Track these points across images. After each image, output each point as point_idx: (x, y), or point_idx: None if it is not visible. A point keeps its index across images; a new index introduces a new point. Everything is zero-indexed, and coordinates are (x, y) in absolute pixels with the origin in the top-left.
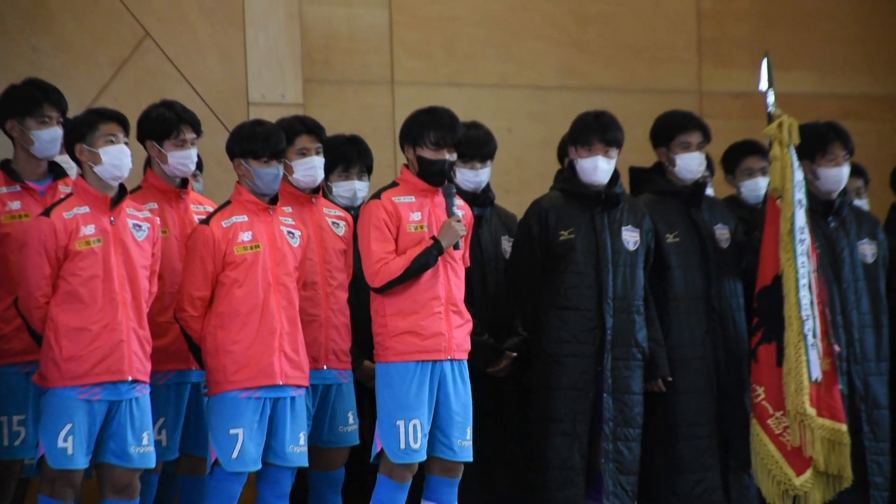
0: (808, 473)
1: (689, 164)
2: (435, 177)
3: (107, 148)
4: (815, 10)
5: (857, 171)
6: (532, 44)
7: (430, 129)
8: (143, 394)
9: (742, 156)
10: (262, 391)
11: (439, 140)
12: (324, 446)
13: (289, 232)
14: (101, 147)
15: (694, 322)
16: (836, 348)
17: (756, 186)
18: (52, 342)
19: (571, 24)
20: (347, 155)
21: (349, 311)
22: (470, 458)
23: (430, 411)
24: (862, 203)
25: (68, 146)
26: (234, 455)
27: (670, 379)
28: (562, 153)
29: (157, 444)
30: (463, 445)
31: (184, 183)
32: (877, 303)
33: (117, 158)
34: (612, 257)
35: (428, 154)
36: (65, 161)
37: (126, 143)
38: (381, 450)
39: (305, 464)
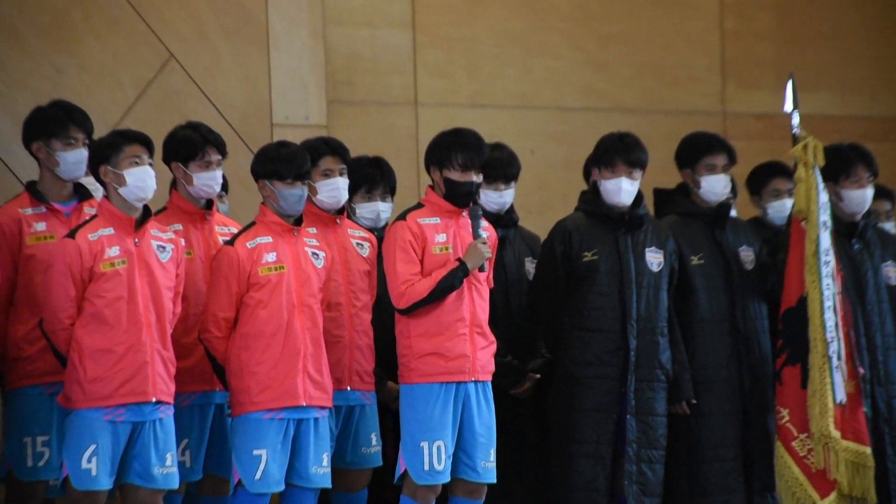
0: (833, 496)
1: (715, 186)
2: (462, 198)
3: (131, 170)
4: (837, 32)
5: (885, 194)
6: (553, 64)
7: (457, 150)
8: (167, 415)
9: (769, 177)
10: (286, 412)
11: (467, 162)
12: (347, 467)
13: (313, 253)
14: (125, 169)
15: (718, 344)
16: (861, 370)
17: (783, 208)
18: (77, 363)
19: (592, 44)
20: (371, 176)
21: (373, 333)
22: (493, 480)
23: (455, 433)
24: (888, 226)
25: (93, 168)
26: (258, 476)
27: (694, 401)
28: (588, 174)
29: (181, 465)
30: (487, 467)
31: (209, 204)
32: None
33: (142, 180)
34: (635, 279)
35: (455, 176)
36: (90, 183)
37: (150, 165)
38: (405, 471)
39: (328, 485)
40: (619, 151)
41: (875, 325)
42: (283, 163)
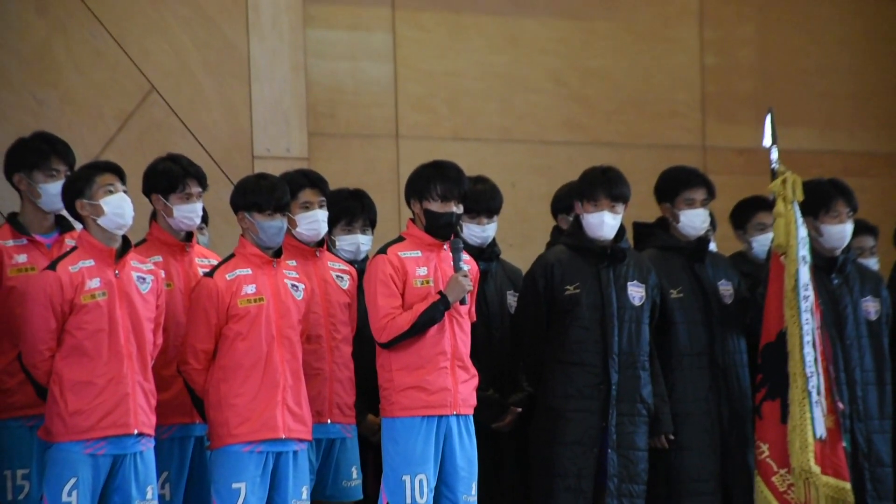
0: None
1: (694, 220)
2: (443, 230)
3: (107, 198)
4: (817, 67)
5: (868, 230)
6: (535, 98)
7: (436, 182)
8: (148, 447)
9: (753, 211)
10: (265, 445)
11: (446, 193)
12: (327, 500)
13: (292, 285)
14: (101, 199)
15: (698, 378)
16: (840, 406)
17: (768, 241)
18: (58, 396)
19: (574, 78)
20: (351, 209)
21: (353, 365)
22: None
23: (436, 466)
24: (871, 262)
25: (68, 205)
26: None
27: (672, 437)
28: (555, 208)
29: (161, 498)
30: (468, 501)
31: (188, 236)
32: (880, 360)
33: (119, 207)
34: (617, 312)
35: (435, 207)
36: None
37: (125, 192)
38: None
39: None
40: (601, 185)
41: (854, 361)
42: (262, 195)
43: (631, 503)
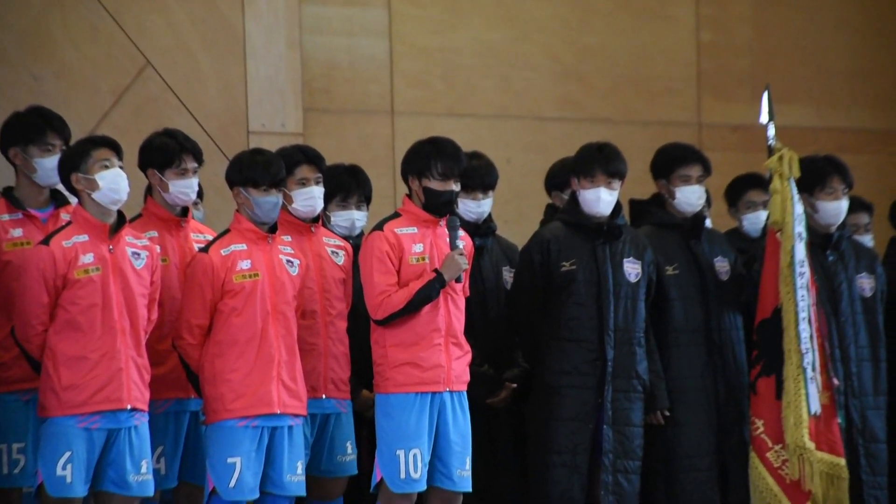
0: None
1: (689, 197)
2: (442, 207)
3: (102, 173)
4: (813, 45)
5: (864, 207)
6: (530, 75)
7: (436, 159)
8: (142, 422)
9: (744, 189)
10: (260, 420)
11: (447, 171)
12: (322, 476)
13: (287, 261)
14: (96, 173)
15: (694, 354)
16: (835, 382)
17: (757, 219)
18: (51, 371)
19: (570, 55)
20: (346, 185)
21: (348, 341)
22: (469, 489)
23: (430, 441)
24: (866, 239)
25: (64, 179)
26: (232, 484)
27: (668, 413)
28: (549, 185)
29: (156, 472)
30: (462, 475)
31: (184, 211)
32: (875, 337)
33: (114, 182)
34: (613, 289)
35: (435, 185)
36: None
37: (121, 167)
38: (381, 480)
39: (303, 493)
40: (598, 161)
41: (849, 337)
42: (257, 170)
43: (626, 479)
